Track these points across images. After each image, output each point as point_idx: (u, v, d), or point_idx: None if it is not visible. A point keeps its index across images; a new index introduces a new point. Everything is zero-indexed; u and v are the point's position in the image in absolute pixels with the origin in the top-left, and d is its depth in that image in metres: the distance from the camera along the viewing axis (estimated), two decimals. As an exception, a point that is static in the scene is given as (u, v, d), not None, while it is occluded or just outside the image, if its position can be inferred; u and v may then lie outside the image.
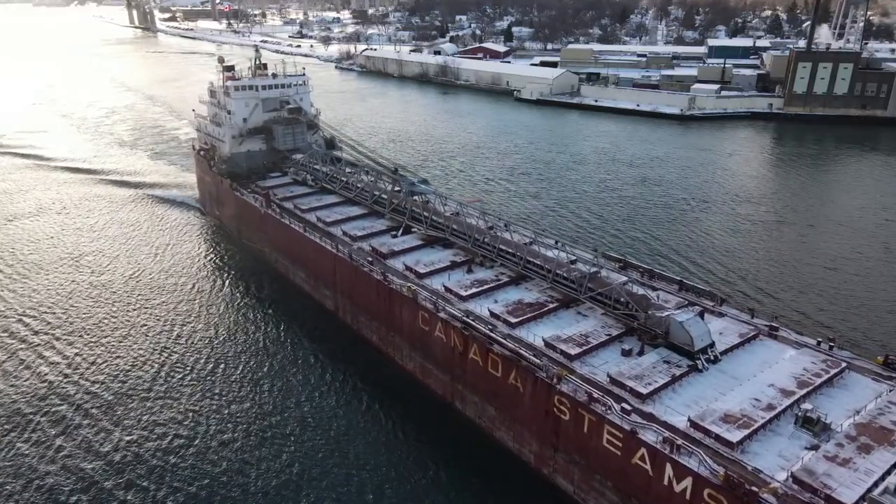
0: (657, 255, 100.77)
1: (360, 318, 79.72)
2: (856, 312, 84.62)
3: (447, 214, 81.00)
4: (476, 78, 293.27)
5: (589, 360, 57.91)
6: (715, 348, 56.82)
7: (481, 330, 61.57)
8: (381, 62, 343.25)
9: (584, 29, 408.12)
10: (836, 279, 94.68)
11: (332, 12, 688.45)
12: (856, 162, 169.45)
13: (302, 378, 72.13)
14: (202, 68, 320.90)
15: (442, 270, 74.08)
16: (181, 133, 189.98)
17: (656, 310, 58.95)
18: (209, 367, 73.73)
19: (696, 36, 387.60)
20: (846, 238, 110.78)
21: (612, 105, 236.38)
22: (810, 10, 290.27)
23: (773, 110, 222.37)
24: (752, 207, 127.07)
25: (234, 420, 65.23)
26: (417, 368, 71.52)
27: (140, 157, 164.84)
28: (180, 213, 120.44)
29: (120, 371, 72.72)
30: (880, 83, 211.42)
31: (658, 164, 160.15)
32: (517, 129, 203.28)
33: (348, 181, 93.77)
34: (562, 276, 66.26)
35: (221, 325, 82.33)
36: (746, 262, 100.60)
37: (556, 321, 64.13)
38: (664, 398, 52.48)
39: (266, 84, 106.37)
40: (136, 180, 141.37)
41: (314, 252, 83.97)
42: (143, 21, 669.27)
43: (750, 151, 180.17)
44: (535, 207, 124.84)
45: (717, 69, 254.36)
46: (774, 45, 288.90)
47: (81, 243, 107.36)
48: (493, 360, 60.35)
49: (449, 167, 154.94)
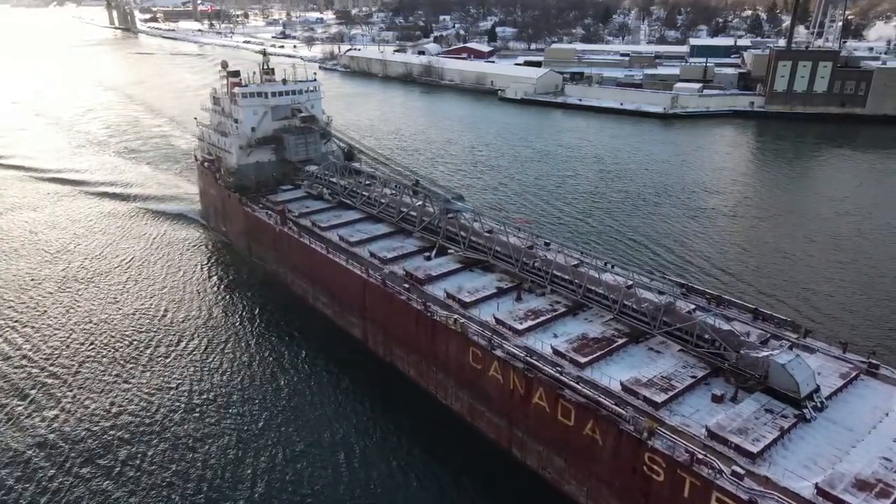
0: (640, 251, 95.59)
1: (393, 349, 69.41)
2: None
3: (487, 234, 71.03)
4: (460, 78, 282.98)
5: (677, 407, 48.65)
6: (820, 393, 47.97)
7: (548, 372, 52.03)
8: (365, 62, 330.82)
9: (568, 29, 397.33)
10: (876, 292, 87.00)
11: (315, 13, 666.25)
12: (841, 159, 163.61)
13: (332, 414, 61.95)
14: (181, 68, 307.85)
15: (488, 298, 64.13)
16: (165, 132, 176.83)
17: (749, 349, 49.83)
18: (227, 399, 63.56)
19: (678, 35, 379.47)
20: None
21: (595, 104, 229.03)
22: (790, 10, 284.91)
23: (755, 108, 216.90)
24: (742, 206, 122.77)
25: (255, 467, 55.10)
26: (465, 409, 61.60)
27: (130, 163, 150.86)
28: (181, 227, 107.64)
29: (116, 413, 61.71)
30: (859, 81, 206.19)
31: (650, 162, 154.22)
32: (502, 128, 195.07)
33: (370, 196, 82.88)
34: (630, 307, 56.78)
35: (238, 353, 71.75)
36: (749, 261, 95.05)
37: (628, 360, 54.73)
38: (776, 457, 43.49)
39: (276, 91, 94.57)
40: (128, 191, 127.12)
41: (340, 275, 73.30)
42: (123, 22, 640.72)
43: (734, 149, 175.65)
44: (533, 207, 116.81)
45: (700, 68, 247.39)
46: (755, 44, 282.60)
47: (72, 265, 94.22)
48: (564, 406, 50.80)
49: (437, 165, 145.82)
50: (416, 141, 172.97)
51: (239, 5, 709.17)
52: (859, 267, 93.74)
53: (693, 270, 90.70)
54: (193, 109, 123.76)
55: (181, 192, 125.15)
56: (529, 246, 69.81)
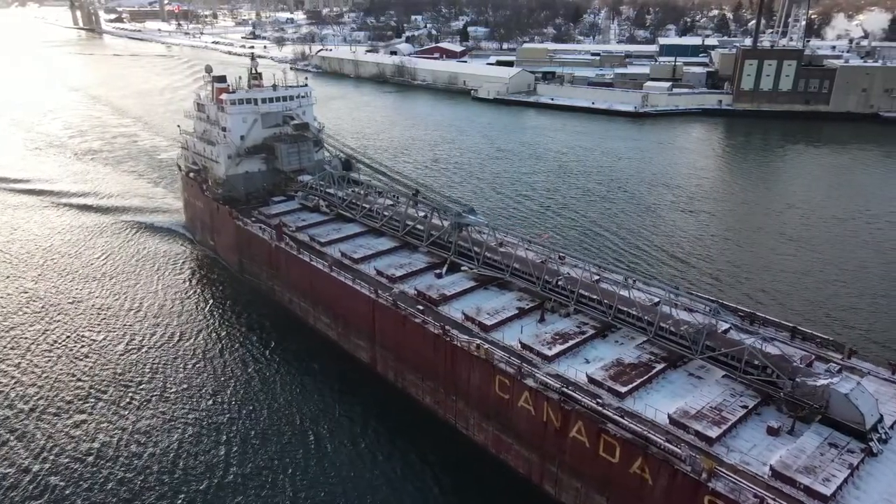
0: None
1: (407, 375, 63.03)
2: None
3: (500, 249, 65.03)
4: (433, 78, 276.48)
5: (732, 442, 43.66)
6: (884, 423, 43.46)
7: (588, 404, 46.52)
8: (336, 63, 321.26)
9: (539, 28, 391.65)
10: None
11: (285, 13, 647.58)
12: (806, 156, 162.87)
13: (346, 444, 55.56)
14: (148, 69, 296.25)
15: (510, 320, 58.26)
16: (134, 134, 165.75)
17: (805, 376, 45.01)
18: (229, 436, 56.30)
19: (647, 35, 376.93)
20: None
21: (568, 103, 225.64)
22: (755, 10, 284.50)
23: (723, 106, 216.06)
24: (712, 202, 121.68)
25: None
26: (490, 441, 55.75)
27: (101, 168, 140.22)
28: (165, 241, 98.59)
29: (95, 459, 54.18)
30: (822, 79, 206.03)
31: (622, 159, 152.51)
32: (476, 128, 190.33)
33: (371, 208, 75.99)
34: (668, 329, 51.51)
35: (237, 382, 64.61)
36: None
37: (669, 387, 49.55)
38: (849, 498, 38.96)
39: (266, 97, 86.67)
40: (105, 203, 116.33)
41: (345, 296, 66.50)
42: (87, 22, 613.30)
43: (701, 145, 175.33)
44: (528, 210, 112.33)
45: (669, 67, 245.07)
46: (722, 44, 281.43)
47: (43, 283, 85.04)
48: (608, 442, 45.42)
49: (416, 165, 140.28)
50: (398, 145, 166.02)
51: (207, 5, 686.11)
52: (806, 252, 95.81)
53: (652, 259, 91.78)
54: (162, 111, 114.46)
55: (161, 202, 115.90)
56: (542, 260, 64.07)
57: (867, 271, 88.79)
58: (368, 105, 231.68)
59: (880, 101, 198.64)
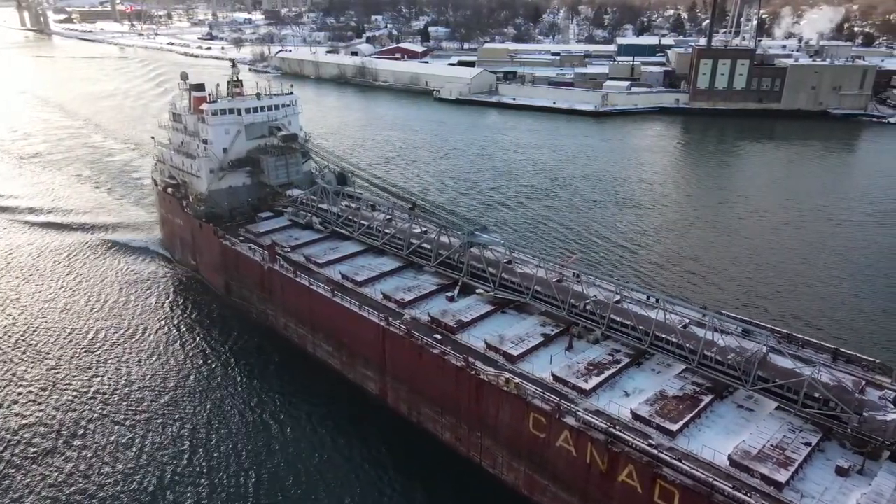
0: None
1: (422, 409, 56.34)
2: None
3: (516, 269, 58.76)
4: (395, 78, 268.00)
5: (801, 486, 38.79)
6: (955, 458, 39.29)
7: (639, 446, 40.93)
8: (297, 64, 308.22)
9: (499, 28, 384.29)
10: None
11: (243, 13, 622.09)
12: (759, 151, 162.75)
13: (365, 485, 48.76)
14: (99, 70, 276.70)
15: (536, 349, 52.22)
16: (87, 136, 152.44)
17: (872, 409, 40.45)
18: (225, 477, 48.79)
19: (605, 35, 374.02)
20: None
21: (529, 103, 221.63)
22: (709, 10, 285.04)
23: (680, 105, 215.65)
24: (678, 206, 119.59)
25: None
26: (522, 482, 49.71)
27: (58, 177, 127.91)
28: (141, 261, 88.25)
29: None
30: (774, 78, 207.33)
31: (587, 157, 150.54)
32: (436, 128, 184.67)
33: (371, 225, 68.54)
34: (713, 357, 46.33)
35: (232, 416, 57.13)
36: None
37: (720, 422, 44.43)
38: (938, 547, 34.38)
39: (250, 106, 77.85)
40: (68, 219, 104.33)
41: (351, 322, 59.24)
42: (35, 23, 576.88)
43: (658, 141, 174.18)
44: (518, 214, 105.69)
45: (627, 67, 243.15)
46: (678, 43, 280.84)
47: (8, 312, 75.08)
48: (665, 489, 39.97)
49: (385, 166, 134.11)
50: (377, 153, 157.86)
51: (161, 5, 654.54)
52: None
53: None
54: (115, 116, 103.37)
55: (132, 216, 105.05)
56: (559, 280, 58.19)
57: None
58: (329, 105, 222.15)
59: (829, 99, 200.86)
